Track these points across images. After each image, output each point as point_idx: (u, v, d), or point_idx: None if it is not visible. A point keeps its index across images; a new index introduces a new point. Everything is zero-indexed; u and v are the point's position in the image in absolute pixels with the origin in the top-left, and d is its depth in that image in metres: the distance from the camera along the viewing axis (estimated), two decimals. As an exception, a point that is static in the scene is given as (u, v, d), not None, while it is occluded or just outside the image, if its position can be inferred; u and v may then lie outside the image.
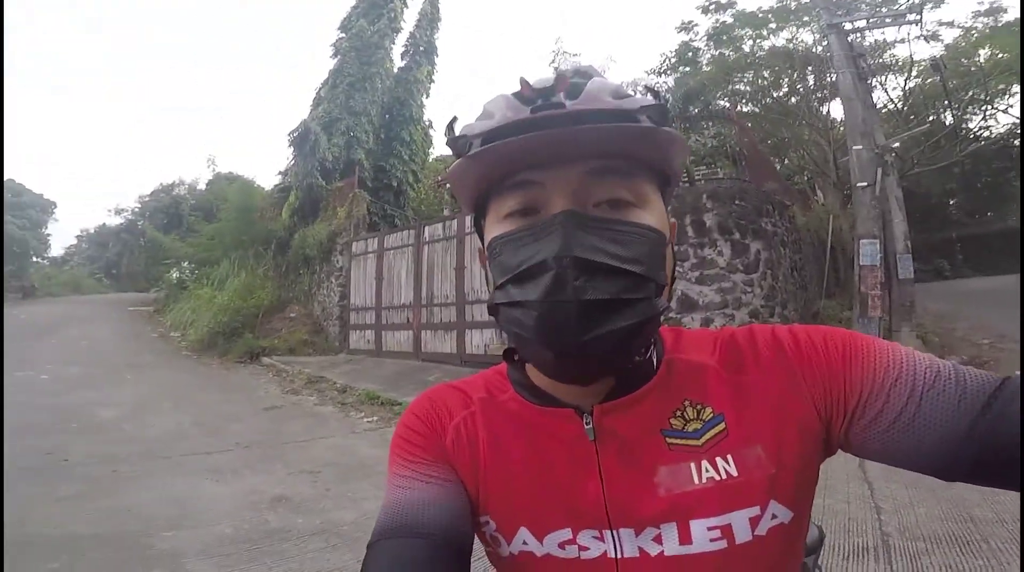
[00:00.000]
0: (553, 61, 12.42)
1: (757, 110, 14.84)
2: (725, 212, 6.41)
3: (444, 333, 8.48)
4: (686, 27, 14.44)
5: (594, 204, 0.50)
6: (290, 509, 3.46)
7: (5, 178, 17.17)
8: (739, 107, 14.27)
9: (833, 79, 10.39)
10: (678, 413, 0.54)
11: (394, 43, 13.74)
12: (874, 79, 11.69)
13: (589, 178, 0.50)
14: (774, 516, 0.51)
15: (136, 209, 24.79)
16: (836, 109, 14.41)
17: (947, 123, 13.00)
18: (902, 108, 14.33)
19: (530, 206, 0.51)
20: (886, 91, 14.00)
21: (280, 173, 13.84)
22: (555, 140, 0.48)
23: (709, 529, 0.51)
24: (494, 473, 0.57)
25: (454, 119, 0.54)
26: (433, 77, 14.46)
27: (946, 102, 11.69)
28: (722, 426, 0.53)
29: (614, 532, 0.53)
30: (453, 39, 43.28)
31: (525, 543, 0.55)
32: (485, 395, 0.61)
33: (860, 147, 7.18)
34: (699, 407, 0.54)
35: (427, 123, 14.47)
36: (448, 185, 0.57)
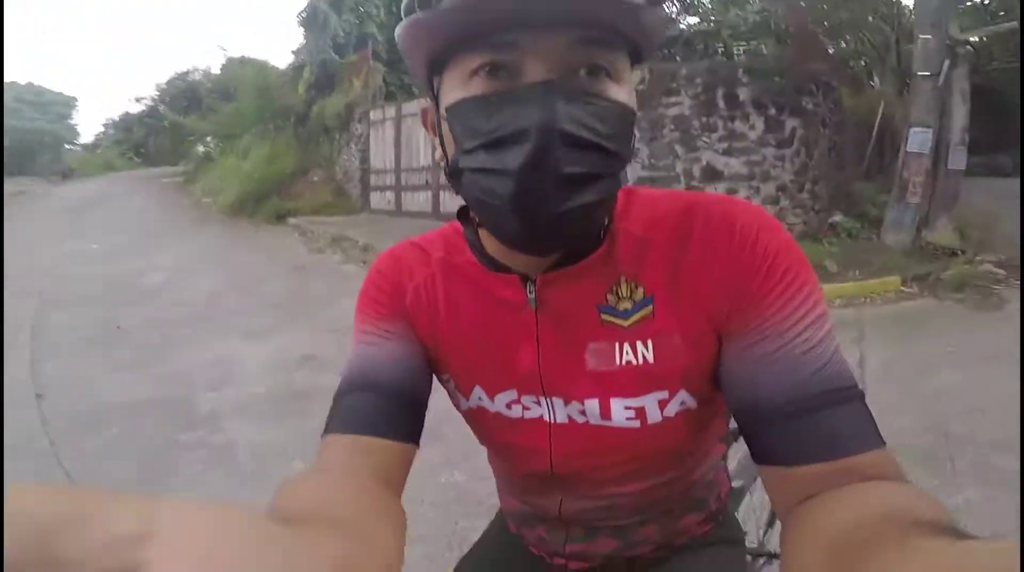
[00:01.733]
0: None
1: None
2: (761, 88, 6.14)
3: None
4: None
5: (572, 70, 0.47)
6: (316, 368, 3.65)
7: (25, 82, 17.25)
8: (794, -18, 12.86)
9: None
10: (613, 288, 0.55)
11: None
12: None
13: (572, 46, 0.47)
14: (682, 402, 0.55)
15: (155, 96, 24.64)
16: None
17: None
18: (989, 2, 12.77)
19: (502, 65, 0.47)
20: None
21: (293, 52, 13.64)
22: (538, 7, 0.44)
23: (626, 408, 0.56)
24: (451, 335, 0.60)
25: None
26: None
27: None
28: (650, 309, 0.54)
29: (548, 399, 0.58)
30: None
31: (480, 399, 0.61)
32: (443, 255, 0.62)
33: (928, 36, 6.59)
34: (633, 285, 0.54)
35: None
36: None
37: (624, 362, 0.55)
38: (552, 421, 0.59)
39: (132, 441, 2.79)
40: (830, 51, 11.88)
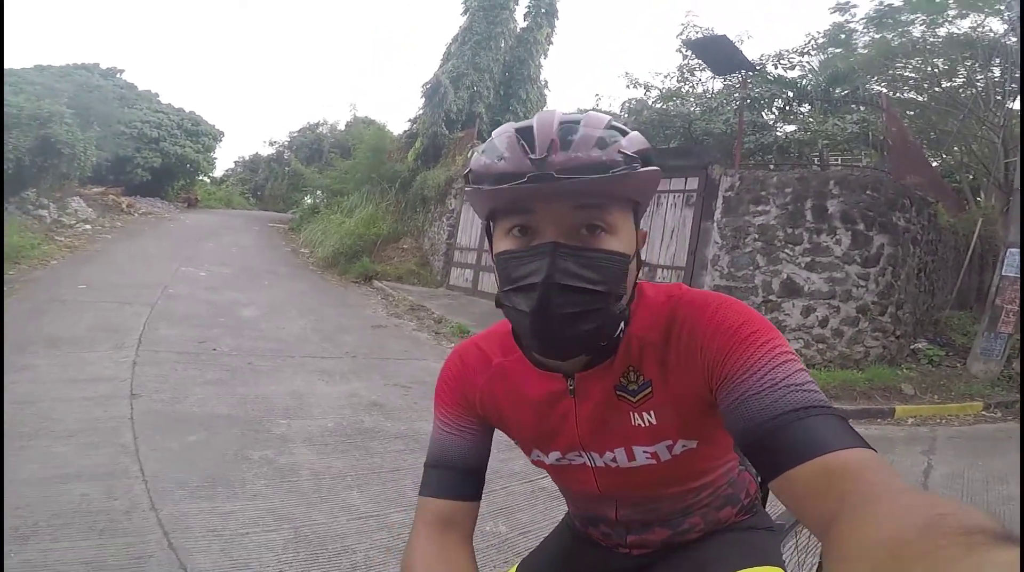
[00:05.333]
0: (681, 33, 11.85)
1: (922, 99, 13.28)
2: (852, 201, 5.96)
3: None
4: (841, 7, 13.06)
5: (575, 229, 0.67)
6: (382, 414, 3.97)
7: (189, 110, 19.61)
8: (900, 94, 12.84)
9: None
10: (624, 376, 0.77)
11: (517, 4, 14.15)
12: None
13: (572, 211, 0.66)
14: (683, 445, 0.78)
15: (285, 142, 27.11)
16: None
17: None
18: None
19: (527, 227, 0.68)
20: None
21: (409, 120, 14.61)
22: (547, 191, 0.64)
23: (644, 452, 0.78)
24: (513, 420, 0.85)
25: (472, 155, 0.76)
26: (552, 39, 14.78)
27: None
28: (649, 390, 0.76)
29: (587, 453, 0.82)
30: (576, 2, 41.91)
31: (538, 456, 0.86)
32: (501, 359, 0.84)
33: None
34: (637, 374, 0.76)
35: (543, 83, 15.03)
36: None
37: (636, 424, 0.77)
38: (593, 466, 0.83)
39: (207, 449, 3.03)
40: (932, 164, 11.56)
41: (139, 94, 18.66)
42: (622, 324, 0.75)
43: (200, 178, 23.27)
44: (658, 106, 11.93)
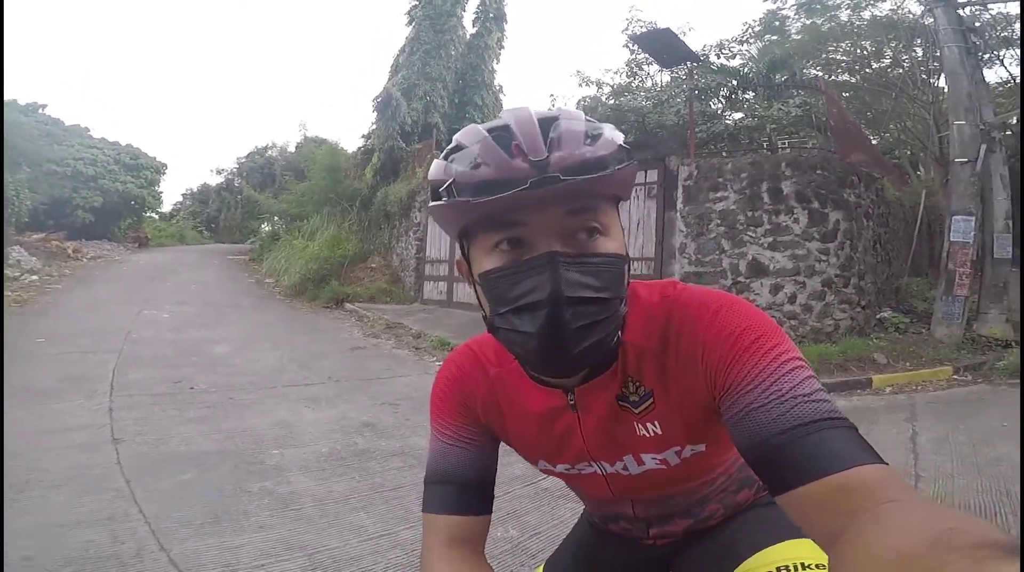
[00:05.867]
0: (627, 28, 12.17)
1: (855, 80, 13.94)
2: (804, 181, 6.26)
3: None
4: (774, -4, 13.62)
5: (571, 235, 0.61)
6: (374, 434, 3.92)
7: (125, 142, 18.93)
8: (835, 77, 13.45)
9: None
10: (624, 387, 0.73)
11: (464, 10, 14.17)
12: (992, 53, 10.67)
13: (565, 216, 0.61)
14: (692, 449, 0.74)
15: (234, 169, 26.54)
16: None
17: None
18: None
19: (517, 240, 0.61)
20: (1005, 67, 12.73)
21: (363, 136, 14.53)
22: (541, 195, 0.58)
23: (653, 458, 0.75)
24: (516, 431, 0.80)
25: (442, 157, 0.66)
26: (503, 43, 14.89)
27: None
28: (651, 401, 0.72)
29: (597, 463, 0.79)
30: (523, 4, 42.53)
31: (545, 465, 0.82)
32: (497, 370, 0.79)
33: (963, 123, 6.72)
34: (637, 383, 0.72)
35: (498, 88, 15.12)
36: None
37: (641, 433, 0.74)
38: (604, 473, 0.80)
39: (203, 486, 2.96)
40: (873, 142, 12.13)
41: (67, 129, 17.91)
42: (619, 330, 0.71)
43: (148, 214, 22.49)
44: (611, 102, 12.19)
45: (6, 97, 16.49)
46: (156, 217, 24.91)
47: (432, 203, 0.65)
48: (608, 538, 0.96)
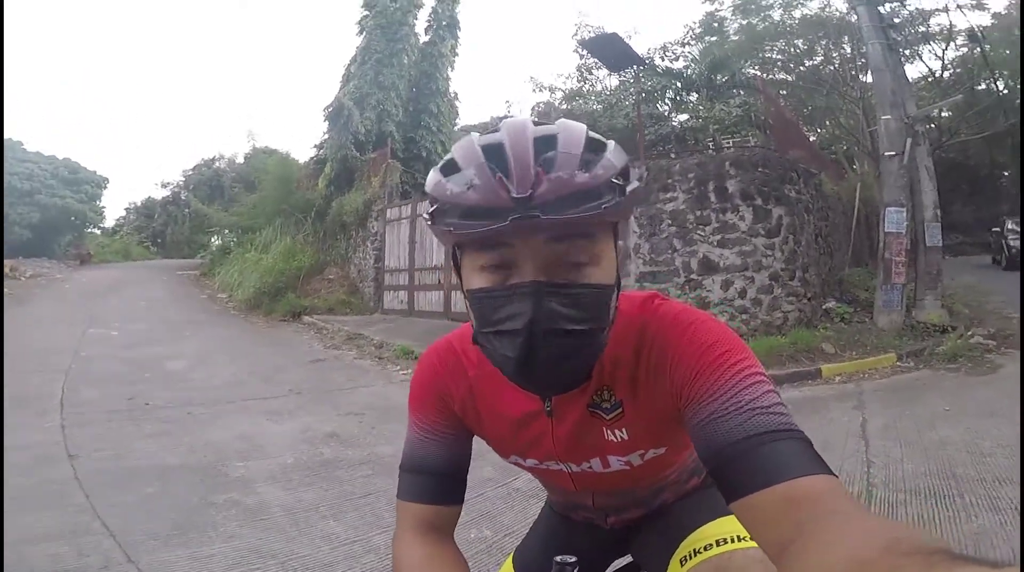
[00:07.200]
0: (576, 33, 12.46)
1: (791, 78, 14.63)
2: (748, 179, 6.51)
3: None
4: (710, -2, 14.16)
5: (557, 263, 0.61)
6: (340, 444, 3.92)
7: (62, 156, 18.07)
8: (772, 75, 14.08)
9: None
10: (597, 393, 0.76)
11: (416, 19, 14.06)
12: (911, 49, 11.38)
13: (551, 244, 0.61)
14: (654, 452, 0.80)
15: (180, 182, 25.72)
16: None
17: (1002, 93, 12.60)
18: (941, 77, 13.95)
19: (503, 263, 0.62)
20: (923, 62, 13.62)
21: (315, 146, 14.24)
22: (527, 226, 0.58)
23: (618, 460, 0.80)
24: (492, 428, 0.83)
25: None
26: (457, 50, 14.79)
27: (988, 72, 11.37)
28: (620, 410, 0.76)
29: (564, 463, 0.83)
30: (476, 12, 42.64)
31: (516, 460, 0.87)
32: (477, 369, 0.80)
33: (888, 117, 7.12)
34: (610, 393, 0.76)
35: (453, 95, 14.98)
36: None
37: (609, 438, 0.78)
38: (570, 472, 0.85)
39: (168, 499, 2.92)
40: (810, 138, 12.71)
41: (-3, 143, 17.05)
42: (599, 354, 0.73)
43: (89, 230, 21.53)
44: (564, 107, 12.43)
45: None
46: (99, 233, 23.86)
47: (425, 215, 0.67)
48: (570, 524, 1.03)
